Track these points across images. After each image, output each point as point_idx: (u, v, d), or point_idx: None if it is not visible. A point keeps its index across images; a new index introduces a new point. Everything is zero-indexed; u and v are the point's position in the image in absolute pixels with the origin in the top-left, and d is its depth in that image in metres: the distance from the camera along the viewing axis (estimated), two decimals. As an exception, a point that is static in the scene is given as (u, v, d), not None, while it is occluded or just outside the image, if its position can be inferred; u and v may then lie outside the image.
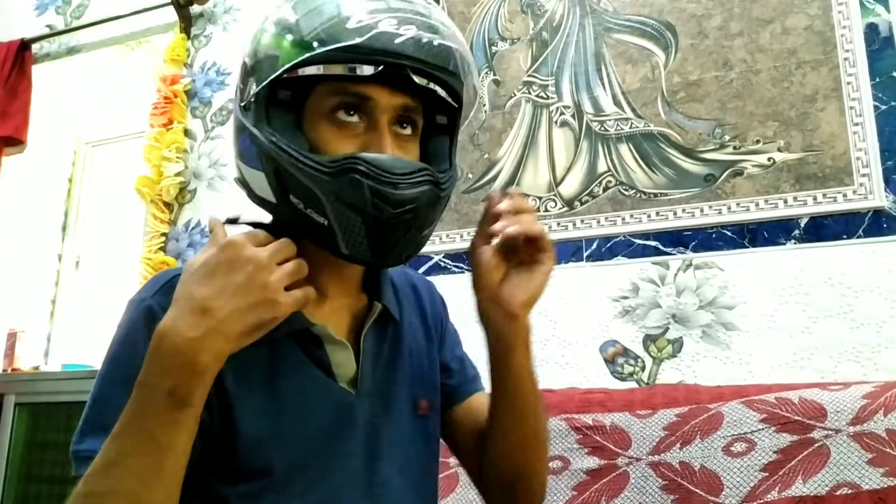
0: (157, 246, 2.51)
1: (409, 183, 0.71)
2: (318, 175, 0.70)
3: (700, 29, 1.91)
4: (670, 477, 1.43)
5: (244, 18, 2.65)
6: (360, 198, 0.70)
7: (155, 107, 2.61)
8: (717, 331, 1.74)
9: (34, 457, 2.36)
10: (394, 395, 0.86)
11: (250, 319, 0.66)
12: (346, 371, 0.82)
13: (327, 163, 0.70)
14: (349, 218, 0.71)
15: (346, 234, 0.71)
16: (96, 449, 0.69)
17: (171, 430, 0.65)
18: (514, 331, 0.81)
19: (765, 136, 1.79)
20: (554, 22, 2.10)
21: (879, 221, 1.66)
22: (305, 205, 0.72)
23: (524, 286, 0.80)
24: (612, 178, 1.93)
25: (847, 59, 1.75)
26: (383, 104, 0.74)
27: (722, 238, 1.79)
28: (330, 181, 0.70)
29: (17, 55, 2.93)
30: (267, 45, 0.74)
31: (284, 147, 0.71)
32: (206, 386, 0.66)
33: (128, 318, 0.77)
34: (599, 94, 2.00)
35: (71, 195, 3.17)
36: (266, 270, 0.66)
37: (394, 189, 0.70)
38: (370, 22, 0.70)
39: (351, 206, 0.70)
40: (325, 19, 0.71)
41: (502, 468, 0.88)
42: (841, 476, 1.31)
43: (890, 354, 1.58)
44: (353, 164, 0.70)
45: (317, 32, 0.70)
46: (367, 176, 0.69)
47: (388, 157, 0.72)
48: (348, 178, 0.70)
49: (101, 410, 0.73)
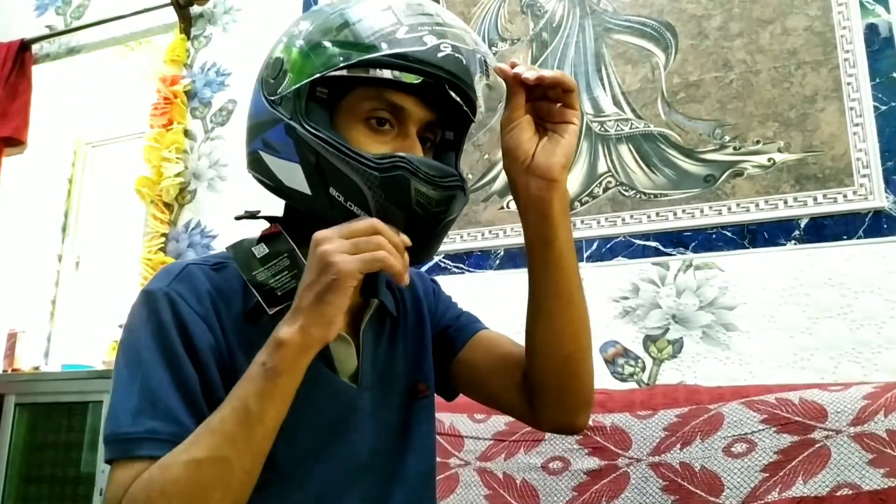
0: (156, 246, 2.51)
1: (446, 185, 0.76)
2: (366, 170, 0.73)
3: (700, 29, 1.91)
4: (671, 478, 1.43)
5: (244, 19, 2.65)
6: (405, 194, 0.74)
7: (155, 107, 2.61)
8: (717, 331, 1.74)
9: (34, 457, 2.36)
10: (394, 386, 0.89)
11: (315, 288, 0.69)
12: (348, 366, 0.85)
13: (376, 159, 0.74)
14: (392, 213, 0.74)
15: None
16: (158, 429, 0.72)
17: (261, 399, 0.69)
18: (555, 199, 0.79)
19: (765, 137, 1.79)
20: (554, 22, 2.10)
21: (879, 222, 1.66)
22: (346, 198, 0.75)
23: (559, 149, 0.79)
24: (612, 178, 1.93)
25: (847, 59, 1.75)
26: (415, 116, 0.79)
27: (722, 239, 1.79)
28: (378, 176, 0.73)
29: (18, 55, 2.93)
30: (314, 43, 0.77)
31: (332, 140, 0.75)
32: (294, 358, 0.69)
33: (150, 307, 0.78)
34: (599, 95, 2.00)
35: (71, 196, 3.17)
36: (325, 242, 0.69)
37: (434, 189, 0.75)
38: (418, 34, 0.74)
39: (396, 201, 0.74)
40: (379, 26, 0.75)
41: (552, 364, 0.85)
42: (841, 477, 1.31)
43: (890, 355, 1.58)
44: (401, 162, 0.74)
45: (372, 37, 0.74)
46: (414, 175, 0.74)
47: (429, 161, 0.77)
48: (397, 174, 0.73)
49: (151, 398, 0.74)
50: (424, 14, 0.77)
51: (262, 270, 0.79)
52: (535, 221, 0.81)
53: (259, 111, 0.82)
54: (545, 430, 0.94)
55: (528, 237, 0.82)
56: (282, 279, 0.78)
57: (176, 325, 0.76)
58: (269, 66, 0.81)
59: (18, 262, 3.02)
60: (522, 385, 0.89)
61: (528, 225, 0.82)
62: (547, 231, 0.80)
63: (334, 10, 0.80)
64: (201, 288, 0.80)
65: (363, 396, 0.85)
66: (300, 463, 0.79)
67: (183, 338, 0.76)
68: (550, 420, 0.90)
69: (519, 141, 0.79)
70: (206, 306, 0.79)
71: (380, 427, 0.85)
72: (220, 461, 0.68)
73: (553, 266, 0.82)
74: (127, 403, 0.74)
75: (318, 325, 0.69)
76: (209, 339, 0.77)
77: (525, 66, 0.79)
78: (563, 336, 0.84)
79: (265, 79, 0.81)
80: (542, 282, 0.83)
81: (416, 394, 0.91)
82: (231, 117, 2.57)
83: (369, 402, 0.85)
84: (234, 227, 2.42)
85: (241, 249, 0.81)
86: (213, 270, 0.83)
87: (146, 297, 0.79)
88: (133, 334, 0.78)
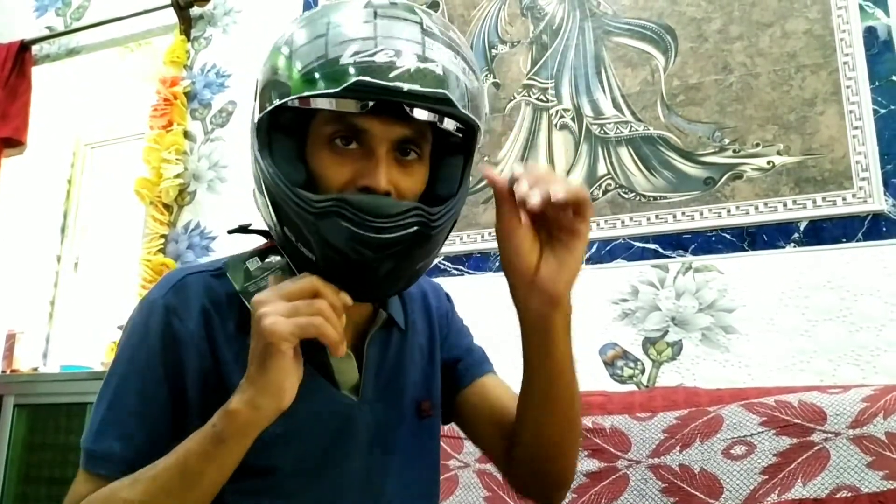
0: (156, 248, 2.51)
1: (394, 226, 0.70)
2: (304, 214, 0.71)
3: (700, 32, 1.92)
4: (670, 479, 1.43)
5: (244, 20, 2.65)
6: (341, 241, 0.70)
7: (154, 109, 2.61)
8: (716, 334, 1.74)
9: (33, 458, 2.36)
10: (397, 400, 0.87)
11: (256, 356, 0.68)
12: (349, 378, 0.83)
13: (314, 203, 0.70)
14: (332, 258, 0.71)
15: (332, 271, 0.71)
16: (114, 450, 0.74)
17: (202, 460, 0.69)
18: (557, 317, 0.76)
19: (764, 140, 1.79)
20: (554, 25, 2.11)
21: (879, 225, 1.66)
22: (296, 238, 0.73)
23: (564, 264, 0.73)
24: (611, 181, 1.94)
25: (846, 62, 1.75)
26: (379, 135, 0.72)
27: (721, 241, 1.79)
28: (314, 222, 0.70)
29: (17, 56, 2.93)
30: (270, 70, 0.74)
31: (279, 181, 0.72)
32: (241, 429, 0.69)
33: (142, 319, 0.79)
34: (599, 98, 2.00)
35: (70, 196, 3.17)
36: (261, 305, 0.68)
37: (376, 234, 0.69)
38: (364, 57, 0.68)
39: (334, 247, 0.70)
40: (320, 53, 0.70)
41: (536, 450, 0.84)
42: (840, 479, 1.31)
43: (889, 357, 1.59)
44: (337, 206, 0.69)
45: (312, 67, 0.69)
46: (350, 220, 0.69)
47: (374, 200, 0.70)
48: (331, 220, 0.69)
49: (116, 415, 0.76)
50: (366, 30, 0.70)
51: (253, 282, 0.79)
52: (534, 337, 0.78)
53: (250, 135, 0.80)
54: (522, 495, 0.92)
55: (526, 347, 0.79)
56: None
57: (163, 344, 0.77)
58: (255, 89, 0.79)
59: (17, 263, 3.02)
60: (507, 450, 0.88)
61: (526, 336, 0.78)
62: (547, 345, 0.77)
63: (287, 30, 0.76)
64: (196, 302, 0.79)
65: (364, 409, 0.83)
66: (298, 472, 0.78)
67: (169, 357, 0.77)
68: (528, 492, 0.90)
69: (519, 251, 0.73)
70: (200, 321, 0.78)
71: (379, 442, 0.84)
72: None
73: (549, 375, 0.79)
74: (96, 416, 0.77)
75: (266, 395, 0.68)
76: (196, 362, 0.77)
77: (528, 176, 0.71)
78: (553, 432, 0.83)
79: (253, 101, 0.78)
80: (536, 386, 0.81)
81: (421, 412, 0.89)
82: (231, 119, 2.57)
83: (370, 416, 0.83)
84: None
85: (236, 263, 0.82)
86: (213, 278, 0.82)
87: (141, 307, 0.80)
88: (123, 343, 0.80)
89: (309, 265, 0.73)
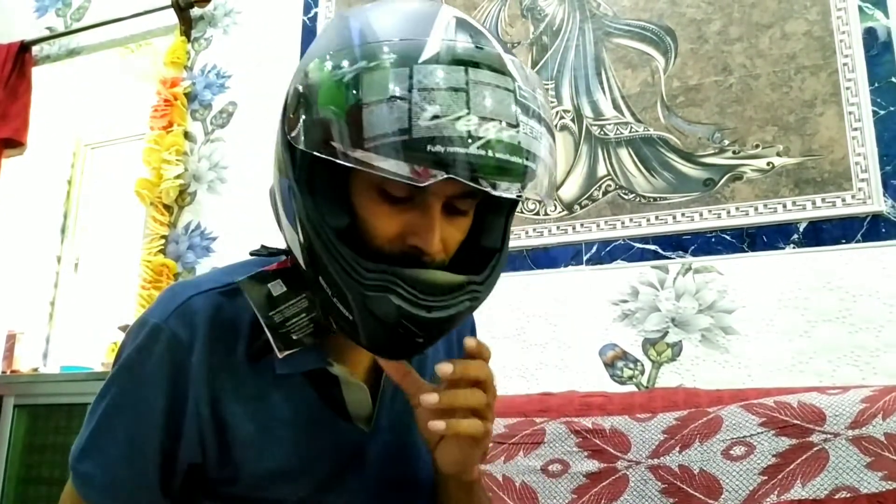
0: (156, 248, 2.51)
1: (445, 305, 0.66)
2: (350, 281, 0.64)
3: (700, 34, 1.92)
4: (670, 480, 1.43)
5: (244, 21, 2.65)
6: (390, 317, 0.65)
7: (155, 109, 2.61)
8: (716, 335, 1.74)
9: (33, 459, 2.36)
10: (411, 430, 0.81)
11: None
12: (362, 410, 0.80)
13: (365, 274, 0.64)
14: (376, 327, 0.66)
15: (368, 335, 0.68)
16: (95, 476, 0.72)
17: None
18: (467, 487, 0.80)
19: (764, 141, 1.80)
20: (554, 26, 2.11)
21: (878, 226, 1.67)
22: (332, 293, 0.67)
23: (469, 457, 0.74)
24: (611, 181, 1.94)
25: (846, 64, 1.75)
26: (438, 193, 0.66)
27: (721, 242, 1.79)
28: (362, 293, 0.64)
29: (17, 57, 2.93)
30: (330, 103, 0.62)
31: (325, 232, 0.65)
32: None
33: (143, 345, 0.73)
34: (599, 99, 2.00)
35: (70, 197, 3.17)
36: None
37: (427, 312, 0.65)
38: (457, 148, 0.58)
39: (379, 321, 0.65)
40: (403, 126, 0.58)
41: None
42: (840, 480, 1.31)
43: (888, 358, 1.59)
44: (390, 283, 0.64)
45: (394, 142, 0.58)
46: (402, 297, 0.64)
47: (428, 277, 0.65)
48: (381, 296, 0.64)
49: (103, 439, 0.74)
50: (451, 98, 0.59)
51: (278, 311, 0.72)
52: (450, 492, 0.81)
53: (277, 145, 0.71)
54: None
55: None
56: (300, 321, 0.73)
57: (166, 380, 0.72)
58: (291, 97, 0.68)
59: (17, 264, 3.02)
60: None
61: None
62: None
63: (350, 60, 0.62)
64: (202, 329, 0.73)
65: (376, 440, 0.80)
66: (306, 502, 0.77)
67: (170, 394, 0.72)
68: None
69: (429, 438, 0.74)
70: (204, 351, 0.73)
71: (389, 473, 0.81)
72: None
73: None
74: (84, 433, 0.74)
75: None
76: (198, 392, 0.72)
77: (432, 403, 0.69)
78: None
79: (287, 107, 0.68)
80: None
81: None
82: (231, 119, 2.57)
83: (382, 448, 0.81)
84: (233, 231, 2.43)
85: (256, 286, 0.73)
86: (223, 297, 0.76)
87: (140, 329, 0.74)
88: (120, 366, 0.75)
89: (341, 320, 0.68)
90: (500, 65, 0.63)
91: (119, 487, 0.72)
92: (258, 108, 2.51)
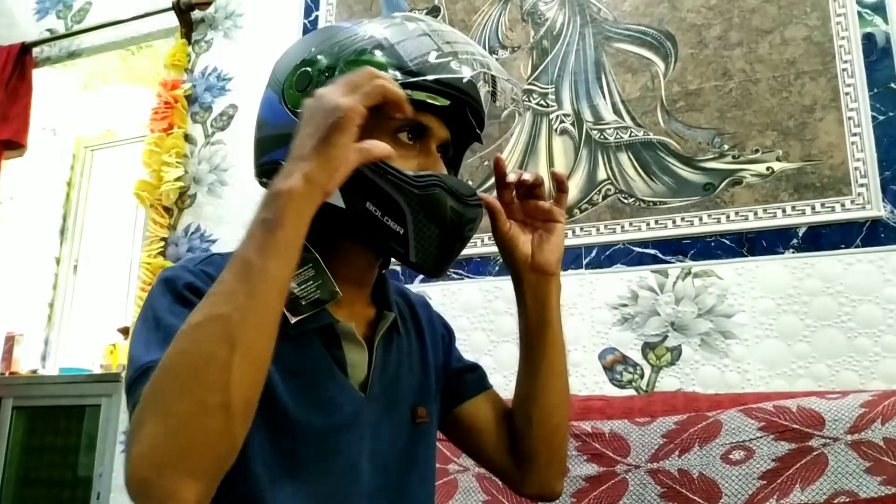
0: (156, 250, 2.51)
1: (474, 204, 0.81)
2: (405, 187, 0.76)
3: (700, 38, 1.93)
4: (669, 484, 1.43)
5: (246, 24, 2.66)
6: (441, 212, 0.77)
7: (155, 111, 2.61)
8: (715, 339, 1.75)
9: (31, 460, 2.36)
10: (396, 402, 0.88)
11: (319, 133, 0.67)
12: (358, 373, 0.85)
13: (414, 177, 0.77)
14: (428, 229, 0.77)
15: (420, 243, 0.78)
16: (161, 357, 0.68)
17: (263, 253, 0.65)
18: (553, 289, 0.90)
19: (763, 146, 1.80)
20: (554, 30, 2.11)
21: (877, 231, 1.67)
22: (383, 213, 0.77)
23: (552, 247, 0.89)
24: (611, 186, 1.94)
25: (845, 69, 1.76)
26: (437, 135, 0.83)
27: (721, 247, 1.79)
28: (417, 194, 0.76)
29: (18, 59, 2.93)
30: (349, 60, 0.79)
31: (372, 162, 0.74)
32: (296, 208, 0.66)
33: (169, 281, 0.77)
34: (599, 103, 2.01)
35: (70, 199, 3.18)
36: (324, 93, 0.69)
37: (465, 207, 0.79)
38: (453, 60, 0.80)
39: (433, 218, 0.77)
40: (419, 51, 0.79)
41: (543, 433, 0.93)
42: (839, 484, 1.31)
43: (888, 363, 1.59)
44: (437, 181, 0.77)
45: (415, 61, 0.78)
46: (448, 193, 0.78)
47: (458, 180, 0.82)
48: (435, 192, 0.77)
49: (165, 331, 0.70)
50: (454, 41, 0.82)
51: None
52: (535, 308, 0.91)
53: (280, 123, 0.82)
54: (527, 494, 0.99)
55: (529, 321, 0.92)
56: (307, 288, 0.79)
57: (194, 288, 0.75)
58: (294, 77, 0.82)
59: (17, 265, 3.02)
60: (513, 451, 0.96)
61: (528, 310, 0.92)
62: (546, 315, 0.91)
63: (363, 30, 0.82)
64: None
65: (369, 407, 0.84)
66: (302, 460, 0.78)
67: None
68: (535, 485, 0.97)
69: (516, 244, 0.89)
70: None
71: (378, 442, 0.84)
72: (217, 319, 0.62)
73: (549, 345, 0.92)
74: (139, 346, 0.72)
75: (323, 169, 0.66)
76: None
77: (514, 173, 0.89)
78: (555, 408, 0.93)
79: (287, 91, 0.82)
80: (539, 360, 0.92)
81: (415, 417, 0.90)
82: (231, 122, 2.57)
83: (374, 414, 0.84)
84: (233, 233, 2.43)
85: None
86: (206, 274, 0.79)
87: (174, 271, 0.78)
88: (148, 301, 0.77)
89: (393, 238, 0.77)
90: None
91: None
92: (258, 111, 2.51)
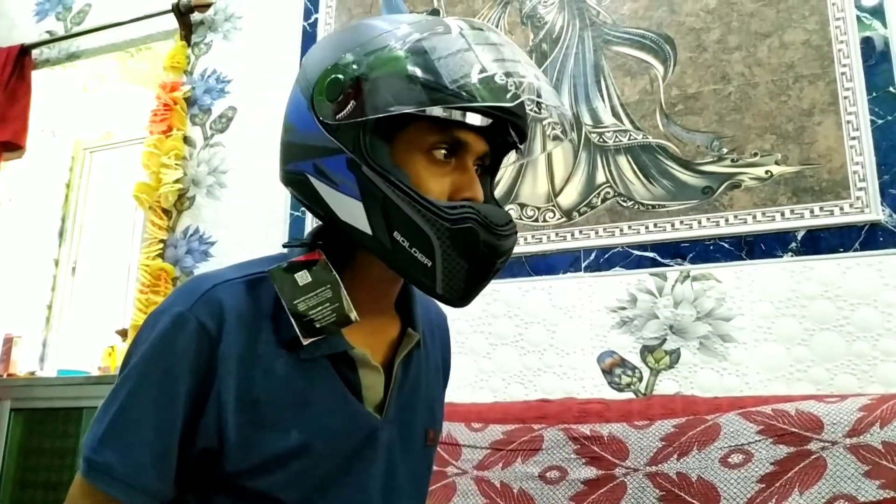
0: (155, 252, 2.51)
1: (509, 234, 0.75)
2: (436, 219, 0.71)
3: (699, 42, 1.93)
4: (667, 487, 1.43)
5: (245, 27, 2.66)
6: (474, 247, 0.72)
7: (154, 114, 2.61)
8: (714, 342, 1.75)
9: (29, 462, 2.35)
10: (412, 423, 0.86)
11: None
12: (374, 395, 0.82)
13: (447, 209, 0.72)
14: (457, 264, 0.73)
15: (448, 276, 0.73)
16: (114, 466, 0.70)
17: None
18: None
19: (762, 150, 1.80)
20: (553, 34, 2.12)
21: (875, 235, 1.67)
22: (411, 244, 0.73)
23: None
24: (610, 189, 1.94)
25: (844, 73, 1.76)
26: (474, 149, 0.78)
27: (719, 250, 1.80)
28: (448, 227, 0.71)
29: (17, 60, 2.94)
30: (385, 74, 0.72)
31: (401, 185, 0.72)
32: None
33: (165, 329, 0.74)
34: (598, 106, 2.01)
35: (69, 201, 3.17)
36: None
37: (498, 240, 0.73)
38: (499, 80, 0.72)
39: (463, 253, 0.72)
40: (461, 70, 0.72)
41: None
42: (837, 488, 1.31)
43: (886, 367, 1.59)
44: (470, 213, 0.72)
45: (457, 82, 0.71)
46: (482, 226, 0.72)
47: (493, 208, 0.76)
48: (467, 227, 0.72)
49: (125, 425, 0.72)
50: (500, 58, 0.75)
51: (303, 300, 0.75)
52: None
53: (309, 132, 0.77)
54: None
55: None
56: (322, 311, 0.75)
57: (195, 369, 0.73)
58: (325, 86, 0.75)
59: (15, 267, 3.02)
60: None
61: None
62: None
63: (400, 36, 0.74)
64: (232, 317, 0.75)
65: (385, 430, 0.82)
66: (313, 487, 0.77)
67: (198, 385, 0.73)
68: None
69: None
70: (227, 341, 0.74)
71: (393, 464, 0.83)
72: None
73: None
74: (100, 424, 0.72)
75: None
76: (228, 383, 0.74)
77: None
78: None
79: (316, 97, 0.75)
80: None
81: (427, 440, 0.89)
82: (231, 124, 2.57)
83: (388, 437, 0.82)
84: (232, 235, 2.43)
85: (281, 274, 0.76)
86: (246, 286, 0.78)
87: (168, 319, 0.74)
88: (140, 349, 0.74)
89: (419, 270, 0.73)
90: None
91: (141, 475, 0.71)
92: (258, 114, 2.52)
